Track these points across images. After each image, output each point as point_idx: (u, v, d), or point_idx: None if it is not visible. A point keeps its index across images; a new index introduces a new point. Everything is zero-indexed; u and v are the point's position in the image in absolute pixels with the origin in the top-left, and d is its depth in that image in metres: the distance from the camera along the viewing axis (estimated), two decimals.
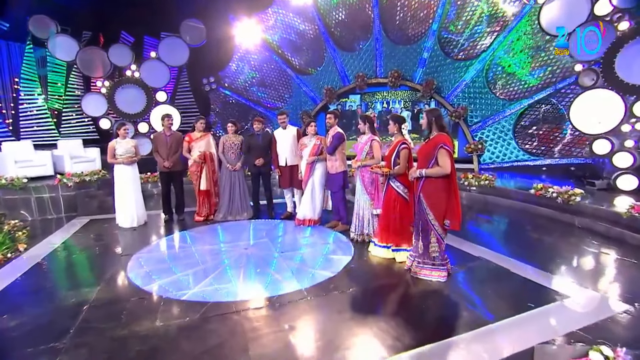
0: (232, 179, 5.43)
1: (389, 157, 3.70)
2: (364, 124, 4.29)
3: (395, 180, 3.70)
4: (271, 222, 5.42)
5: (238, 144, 5.43)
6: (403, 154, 3.65)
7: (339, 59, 9.54)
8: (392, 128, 3.78)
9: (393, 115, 3.85)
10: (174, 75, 10.10)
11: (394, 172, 3.67)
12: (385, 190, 3.84)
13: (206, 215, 5.51)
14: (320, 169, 4.94)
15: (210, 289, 3.24)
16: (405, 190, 3.70)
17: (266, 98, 10.72)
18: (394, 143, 3.74)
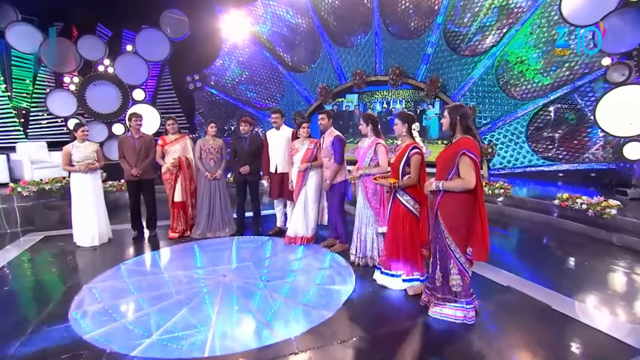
0: (211, 190, 4.80)
1: (397, 164, 3.08)
2: (367, 124, 3.64)
3: (404, 193, 3.08)
4: (257, 240, 4.81)
5: (218, 148, 4.81)
6: (414, 161, 3.03)
7: (335, 54, 9.13)
8: (399, 128, 3.14)
9: (402, 113, 3.20)
10: (156, 73, 9.49)
11: (405, 183, 3.00)
12: (391, 205, 3.19)
13: (182, 231, 4.88)
14: (315, 177, 4.34)
15: (172, 338, 2.53)
16: (415, 206, 3.09)
17: (256, 98, 10.31)
18: (402, 147, 3.12)
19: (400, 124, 3.14)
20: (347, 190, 4.24)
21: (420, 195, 3.08)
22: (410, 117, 3.17)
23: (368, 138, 3.75)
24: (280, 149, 4.72)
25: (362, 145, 3.79)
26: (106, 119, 8.11)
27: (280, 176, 4.74)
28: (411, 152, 3.06)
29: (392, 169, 3.21)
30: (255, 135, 5.01)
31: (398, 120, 3.15)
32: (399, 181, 3.07)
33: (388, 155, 3.62)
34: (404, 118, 3.15)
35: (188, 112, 9.90)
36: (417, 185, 3.08)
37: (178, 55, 8.87)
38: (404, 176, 3.10)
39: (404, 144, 3.16)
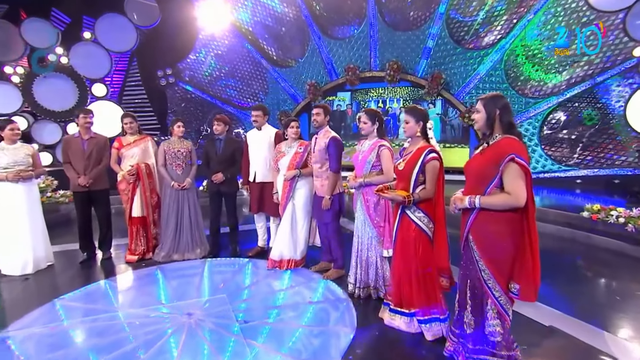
0: (179, 202, 4.24)
1: (408, 172, 2.57)
2: (373, 122, 3.13)
3: (416, 209, 2.57)
4: (234, 263, 4.25)
5: (186, 153, 4.27)
6: (431, 169, 2.53)
7: (325, 48, 8.88)
8: (411, 128, 2.64)
9: (413, 109, 2.70)
10: (123, 66, 8.87)
11: (420, 197, 2.47)
12: (398, 224, 2.67)
13: (142, 253, 4.29)
14: (305, 188, 3.83)
15: None
16: (430, 225, 2.58)
17: (236, 96, 9.99)
18: (415, 151, 2.60)
19: (413, 122, 2.61)
20: (342, 205, 3.71)
21: (435, 211, 2.57)
22: (424, 114, 2.66)
23: (368, 140, 3.23)
24: (262, 152, 4.22)
25: (362, 149, 3.26)
26: (59, 118, 7.39)
27: (260, 186, 4.24)
28: (427, 156, 2.53)
29: (400, 178, 2.68)
30: (231, 137, 4.52)
31: (409, 117, 2.62)
32: (412, 194, 2.50)
33: (394, 161, 3.09)
34: (417, 115, 2.63)
35: (159, 111, 9.38)
36: (431, 200, 2.56)
37: (147, 46, 8.41)
38: (417, 187, 2.57)
39: (416, 146, 2.64)
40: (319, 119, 3.62)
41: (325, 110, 3.68)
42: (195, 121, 9.36)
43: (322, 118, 3.63)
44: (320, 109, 3.66)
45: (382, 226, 3.12)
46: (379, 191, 2.67)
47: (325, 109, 3.69)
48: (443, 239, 2.57)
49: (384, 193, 2.62)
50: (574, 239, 4.77)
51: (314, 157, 3.71)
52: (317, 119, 3.63)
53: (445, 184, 2.63)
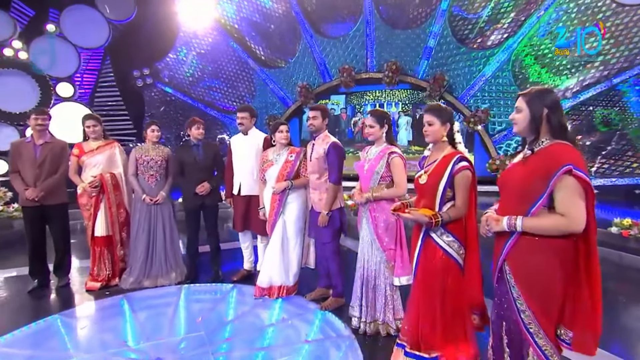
0: (151, 219, 3.87)
1: (432, 186, 2.21)
2: (381, 125, 2.80)
3: (444, 232, 2.20)
4: (216, 289, 3.87)
5: (161, 161, 3.90)
6: (462, 181, 2.18)
7: (318, 47, 8.80)
8: (436, 132, 2.28)
9: (436, 107, 2.33)
10: (96, 65, 8.50)
11: (451, 216, 2.15)
12: (420, 249, 2.29)
13: (106, 278, 3.86)
14: (297, 202, 3.49)
15: None
16: (460, 251, 2.22)
17: (221, 98, 9.84)
18: (440, 160, 2.24)
19: (438, 123, 2.25)
20: (343, 222, 3.34)
21: (467, 234, 2.22)
22: (450, 115, 2.30)
23: (376, 146, 2.90)
24: (248, 161, 3.87)
25: (368, 157, 2.91)
26: (16, 121, 6.89)
27: (246, 200, 3.89)
28: (456, 166, 2.17)
29: (422, 193, 2.30)
30: (209, 141, 4.22)
31: (433, 118, 2.25)
32: (439, 213, 2.16)
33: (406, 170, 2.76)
34: (443, 115, 2.26)
35: (136, 114, 9.05)
36: (461, 219, 2.22)
37: (122, 43, 8.15)
38: (444, 204, 2.21)
39: (441, 154, 2.27)
40: (316, 123, 3.27)
41: (323, 113, 3.33)
42: (175, 126, 9.06)
43: (319, 122, 3.28)
44: (318, 111, 3.30)
45: (393, 249, 2.79)
46: (397, 211, 2.30)
47: (323, 111, 3.34)
48: (476, 267, 2.21)
49: (404, 213, 2.23)
50: (604, 258, 4.43)
51: (310, 166, 3.36)
52: (314, 123, 3.28)
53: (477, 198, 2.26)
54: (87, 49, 7.39)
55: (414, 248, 2.34)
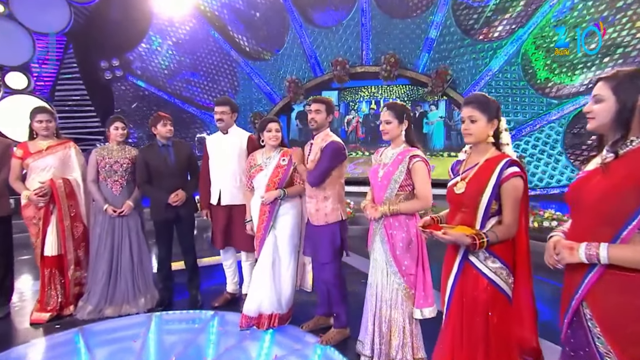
0: (115, 233, 3.52)
1: (473, 197, 1.88)
2: (399, 121, 2.48)
3: (490, 256, 1.86)
4: (194, 318, 3.54)
5: (127, 165, 3.56)
6: (512, 192, 1.83)
7: (308, 37, 8.66)
8: (479, 129, 1.91)
9: (481, 99, 1.95)
10: (57, 55, 8.06)
11: (499, 236, 1.82)
12: (457, 277, 1.96)
13: (57, 308, 3.44)
14: (291, 214, 3.19)
15: None
16: (510, 280, 1.88)
17: (200, 94, 9.67)
18: (483, 165, 1.91)
19: (484, 120, 1.89)
20: (344, 238, 3.03)
21: (516, 257, 1.89)
22: (497, 108, 1.93)
23: (392, 147, 2.58)
24: (229, 164, 3.53)
25: (383, 161, 2.60)
26: None
27: (228, 211, 3.56)
28: (505, 172, 1.82)
29: (458, 205, 1.96)
30: (180, 141, 3.87)
31: (475, 111, 1.89)
32: (483, 232, 1.82)
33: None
34: (488, 109, 1.89)
35: (103, 110, 8.66)
36: (510, 240, 1.88)
37: (87, 29, 7.81)
38: (487, 220, 1.86)
39: (482, 156, 1.93)
40: (319, 118, 2.95)
41: (329, 107, 3.02)
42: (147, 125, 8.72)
43: (322, 117, 2.96)
44: (322, 104, 2.98)
45: (414, 274, 2.46)
46: (428, 228, 1.96)
47: (329, 105, 3.02)
48: (527, 300, 1.88)
49: (438, 231, 1.86)
50: None
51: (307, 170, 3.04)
52: (317, 118, 2.95)
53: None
54: (43, 34, 6.94)
55: (447, 274, 2.00)
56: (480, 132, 1.89)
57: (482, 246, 1.78)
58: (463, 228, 1.85)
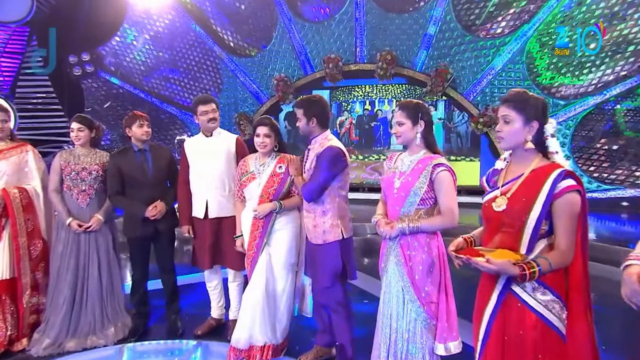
0: (81, 253, 3.26)
1: (518, 216, 1.68)
2: (413, 122, 2.25)
3: (540, 286, 1.66)
4: (173, 350, 3.36)
5: (96, 172, 3.32)
6: (569, 208, 1.62)
7: (298, 32, 8.63)
8: (516, 133, 1.70)
9: (521, 96, 1.73)
10: (18, 48, 7.99)
11: (553, 264, 1.60)
12: (496, 310, 1.76)
13: (6, 342, 3.15)
14: (287, 230, 3.01)
15: None
16: (564, 315, 1.68)
17: (180, 92, 9.59)
18: (529, 176, 1.70)
19: (520, 121, 1.68)
20: (347, 261, 2.81)
21: (569, 288, 1.69)
22: (540, 107, 1.70)
23: (409, 153, 2.34)
24: (214, 171, 3.32)
25: (399, 169, 2.36)
26: None
27: (216, 224, 3.33)
28: (559, 185, 1.60)
29: (497, 225, 1.74)
30: (158, 145, 3.72)
31: (512, 111, 1.68)
32: (532, 260, 1.60)
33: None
34: (529, 108, 1.68)
35: (73, 110, 8.61)
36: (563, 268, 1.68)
37: (54, 20, 7.70)
38: (534, 242, 1.64)
39: (528, 166, 1.71)
40: (301, 124, 2.80)
41: (308, 110, 2.78)
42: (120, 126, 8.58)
43: (303, 123, 2.78)
44: (300, 109, 2.79)
45: (436, 302, 2.24)
46: (462, 253, 1.74)
47: (308, 108, 2.79)
48: (585, 339, 1.68)
49: (478, 258, 1.65)
50: None
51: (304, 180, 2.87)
52: (299, 125, 2.81)
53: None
54: (1, 23, 6.64)
55: (483, 305, 1.79)
56: (513, 136, 1.69)
57: (532, 277, 1.57)
58: (505, 253, 1.64)
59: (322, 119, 2.78)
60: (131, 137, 3.31)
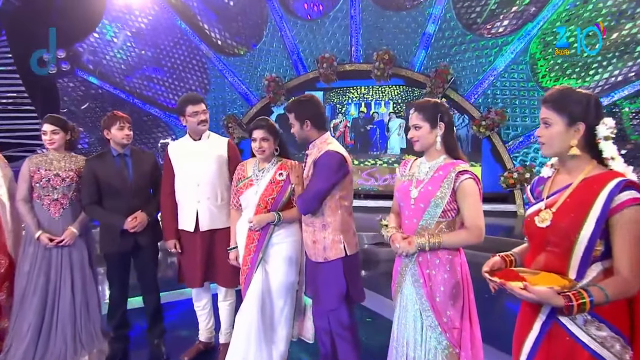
0: (51, 270, 3.08)
1: (566, 233, 1.50)
2: (431, 124, 2.10)
3: (595, 319, 1.48)
4: None
5: (70, 179, 3.12)
6: (630, 227, 1.43)
7: (290, 31, 8.57)
8: (559, 135, 1.54)
9: (563, 93, 1.57)
10: None
11: (610, 294, 1.39)
12: (538, 343, 1.58)
13: None
14: (287, 244, 2.83)
15: None
16: (624, 352, 1.47)
17: (164, 93, 9.49)
18: (580, 185, 1.54)
19: (562, 123, 1.51)
20: (353, 281, 2.62)
21: (635, 322, 1.49)
22: (589, 106, 1.51)
23: (427, 159, 2.17)
24: (207, 177, 3.13)
25: (416, 176, 2.19)
26: None
27: (209, 237, 3.13)
28: (617, 198, 1.41)
29: (542, 243, 1.56)
30: (139, 149, 3.53)
31: (548, 110, 1.53)
32: (585, 287, 1.41)
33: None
34: (569, 105, 1.51)
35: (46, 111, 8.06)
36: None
37: (25, 14, 7.65)
38: (587, 266, 1.46)
39: (579, 174, 1.53)
40: (294, 129, 2.65)
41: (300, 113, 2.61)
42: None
43: (297, 128, 2.64)
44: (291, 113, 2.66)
45: (459, 328, 2.06)
46: (497, 275, 1.56)
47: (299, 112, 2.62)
48: None
49: (515, 283, 1.46)
50: None
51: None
52: (293, 130, 2.67)
53: None
54: None
55: (522, 335, 1.61)
56: (555, 141, 1.52)
57: (581, 310, 1.37)
58: (551, 277, 1.46)
59: (317, 121, 2.61)
60: (110, 140, 3.13)
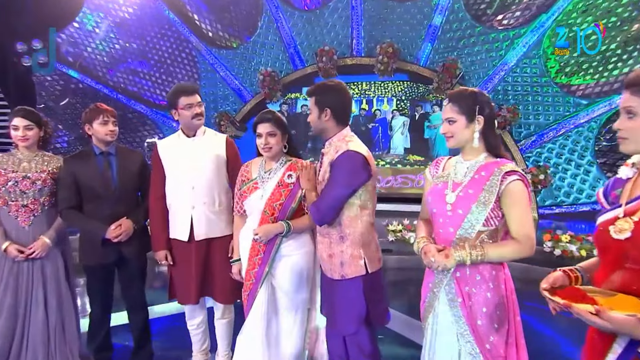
0: (19, 288, 2.90)
1: None
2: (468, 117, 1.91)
3: None
4: None
5: (43, 182, 2.92)
6: None
7: (286, 22, 8.29)
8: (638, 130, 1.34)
9: None
10: None
11: None
12: None
13: None
14: (297, 257, 2.61)
15: None
16: None
17: (150, 88, 9.33)
18: None
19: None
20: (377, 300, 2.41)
21: None
22: None
23: (465, 158, 1.97)
24: (202, 180, 2.95)
25: (452, 177, 1.98)
26: None
27: (205, 247, 2.93)
28: None
29: (620, 257, 1.38)
30: (127, 149, 3.42)
31: (631, 97, 1.34)
32: None
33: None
34: None
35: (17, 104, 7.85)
36: None
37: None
38: None
39: None
40: (311, 118, 2.41)
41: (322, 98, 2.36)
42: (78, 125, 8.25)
43: (314, 117, 2.40)
44: (312, 97, 2.40)
45: (504, 356, 1.85)
46: (560, 295, 1.39)
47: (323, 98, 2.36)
48: None
49: (584, 306, 1.31)
50: None
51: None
52: (310, 119, 2.43)
53: None
54: None
55: None
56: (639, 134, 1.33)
57: None
58: (629, 300, 1.28)
59: (339, 112, 2.34)
60: (92, 136, 2.90)
